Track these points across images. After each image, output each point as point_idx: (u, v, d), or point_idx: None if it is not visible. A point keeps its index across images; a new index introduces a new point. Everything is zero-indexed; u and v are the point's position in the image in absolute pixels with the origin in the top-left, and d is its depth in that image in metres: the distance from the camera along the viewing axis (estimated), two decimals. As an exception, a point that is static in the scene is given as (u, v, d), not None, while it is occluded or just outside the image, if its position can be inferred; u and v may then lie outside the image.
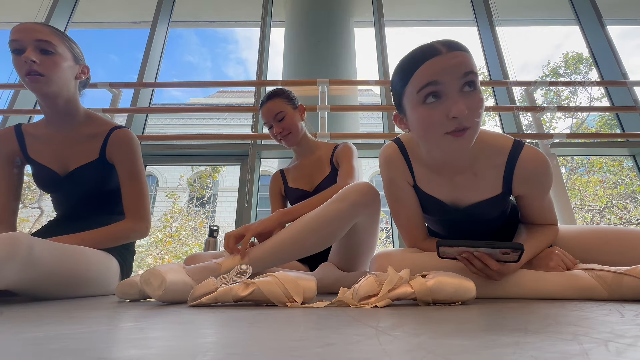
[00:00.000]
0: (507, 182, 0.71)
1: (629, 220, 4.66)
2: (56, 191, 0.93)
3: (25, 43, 0.78)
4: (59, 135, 0.91)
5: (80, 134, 0.92)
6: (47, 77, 0.80)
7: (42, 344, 0.28)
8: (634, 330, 0.30)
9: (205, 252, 1.00)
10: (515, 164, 0.69)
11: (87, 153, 0.91)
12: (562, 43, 12.58)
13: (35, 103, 2.37)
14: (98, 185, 0.93)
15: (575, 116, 5.97)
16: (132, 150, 0.93)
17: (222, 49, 30.63)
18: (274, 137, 1.17)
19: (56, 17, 2.61)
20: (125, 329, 0.36)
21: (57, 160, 0.91)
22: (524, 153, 0.68)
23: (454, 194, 0.75)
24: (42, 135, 0.92)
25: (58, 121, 0.90)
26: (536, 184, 0.70)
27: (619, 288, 0.58)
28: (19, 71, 0.79)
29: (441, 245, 0.59)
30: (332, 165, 1.15)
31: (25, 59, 0.78)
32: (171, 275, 0.61)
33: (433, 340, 0.28)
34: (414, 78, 0.61)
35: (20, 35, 0.78)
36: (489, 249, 0.56)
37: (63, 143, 0.91)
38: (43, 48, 0.80)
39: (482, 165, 0.71)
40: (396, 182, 0.79)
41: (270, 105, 1.13)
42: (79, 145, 0.91)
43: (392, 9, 2.72)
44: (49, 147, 0.91)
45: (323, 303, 0.55)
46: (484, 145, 0.70)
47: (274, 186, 1.26)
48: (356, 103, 2.89)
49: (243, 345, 0.27)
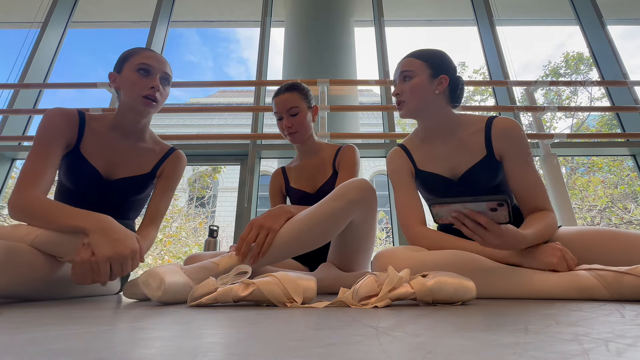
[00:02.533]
0: (488, 142, 0.84)
1: (629, 221, 4.66)
2: (89, 192, 0.92)
3: (155, 71, 0.89)
4: (121, 143, 0.94)
5: (139, 148, 0.98)
6: (158, 105, 0.92)
7: (42, 344, 0.28)
8: (634, 331, 0.30)
9: (205, 252, 1.00)
10: (492, 126, 0.84)
11: (141, 166, 0.97)
12: (565, 42, 12.56)
13: (35, 103, 2.37)
14: (132, 195, 0.98)
15: (575, 116, 5.98)
16: (182, 171, 1.05)
17: (224, 49, 30.65)
18: (281, 130, 1.14)
19: (56, 17, 2.61)
20: (125, 329, 0.36)
21: (107, 164, 0.92)
22: (498, 118, 0.85)
23: (448, 163, 0.88)
24: (103, 135, 0.92)
25: (128, 133, 0.95)
26: (511, 140, 0.82)
27: (620, 287, 0.58)
28: (139, 90, 0.87)
29: (433, 205, 0.60)
30: (334, 168, 1.14)
31: (152, 84, 0.88)
32: (170, 276, 0.61)
33: (433, 340, 0.28)
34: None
35: (152, 62, 0.89)
36: (475, 204, 0.59)
37: (121, 151, 0.94)
38: (165, 78, 0.92)
39: (466, 133, 0.87)
40: (398, 171, 0.93)
41: (286, 96, 1.10)
42: (135, 158, 0.96)
43: (392, 9, 2.72)
44: (104, 149, 0.92)
45: (323, 303, 0.55)
46: (465, 119, 0.89)
47: (275, 184, 1.25)
48: (356, 103, 2.89)
49: (243, 345, 0.27)
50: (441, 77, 0.86)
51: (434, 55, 0.89)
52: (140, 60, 0.88)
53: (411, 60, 0.88)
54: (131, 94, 0.88)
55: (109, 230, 0.69)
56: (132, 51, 0.91)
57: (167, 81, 0.93)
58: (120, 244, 0.68)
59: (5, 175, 2.12)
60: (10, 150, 2.10)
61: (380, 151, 2.07)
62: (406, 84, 0.87)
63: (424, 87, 0.86)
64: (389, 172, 0.96)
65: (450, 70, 0.88)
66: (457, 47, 17.05)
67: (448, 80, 0.87)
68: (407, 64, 0.88)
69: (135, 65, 0.88)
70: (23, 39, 2.51)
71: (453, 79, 0.88)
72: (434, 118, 0.89)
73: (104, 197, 0.92)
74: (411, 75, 0.87)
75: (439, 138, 0.90)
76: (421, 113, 0.89)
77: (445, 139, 0.89)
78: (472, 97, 6.87)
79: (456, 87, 0.89)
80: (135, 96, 0.87)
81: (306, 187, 1.17)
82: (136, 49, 0.92)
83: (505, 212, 0.58)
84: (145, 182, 0.98)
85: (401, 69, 0.89)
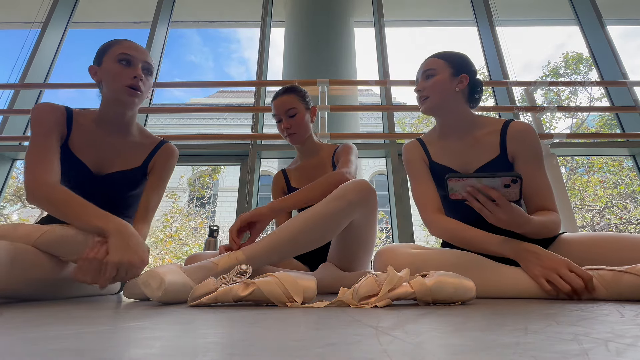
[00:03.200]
0: (503, 143, 0.87)
1: (628, 220, 4.66)
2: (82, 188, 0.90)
3: (136, 61, 0.88)
4: (108, 138, 0.93)
5: (128, 142, 0.97)
6: (142, 95, 0.90)
7: (42, 344, 0.28)
8: (634, 330, 0.30)
9: (205, 252, 1.00)
10: (508, 128, 0.87)
11: (130, 160, 0.96)
12: (566, 43, 12.58)
13: (35, 103, 2.37)
14: (126, 191, 0.97)
15: (575, 116, 5.98)
16: (173, 164, 1.03)
17: (225, 49, 30.65)
18: (281, 132, 1.16)
19: (56, 17, 2.61)
20: (125, 329, 0.36)
21: (96, 160, 0.92)
22: (515, 122, 0.88)
23: (462, 159, 0.91)
24: (90, 130, 0.91)
25: (114, 126, 0.93)
26: (525, 143, 0.84)
27: (619, 286, 0.58)
28: (122, 80, 0.86)
29: (449, 178, 0.64)
30: (333, 166, 1.15)
31: (135, 74, 0.86)
32: (170, 276, 0.61)
33: (433, 340, 0.28)
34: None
35: (133, 52, 0.88)
36: (490, 179, 0.62)
37: (109, 146, 0.93)
38: (147, 68, 0.90)
39: (482, 133, 0.90)
40: (413, 161, 0.97)
41: (284, 99, 1.13)
42: (124, 152, 0.95)
43: (392, 9, 2.71)
44: (92, 145, 0.91)
45: (323, 303, 0.55)
46: (482, 120, 0.92)
47: (277, 185, 1.27)
48: (356, 103, 2.89)
49: (243, 345, 0.27)
50: (462, 76, 0.90)
51: (455, 55, 0.94)
52: (120, 50, 0.87)
53: (434, 59, 0.93)
54: (114, 85, 0.86)
55: (128, 237, 0.70)
56: (111, 42, 0.89)
57: (149, 71, 0.92)
58: (134, 253, 0.68)
59: (6, 175, 2.12)
60: (10, 151, 2.10)
61: (380, 151, 2.07)
62: (428, 81, 0.92)
63: (445, 84, 0.90)
64: (405, 162, 1.00)
65: (471, 71, 0.92)
66: (457, 47, 17.03)
67: (468, 80, 0.90)
68: (430, 63, 0.93)
69: (115, 56, 0.86)
70: (23, 39, 2.51)
71: (473, 79, 0.92)
72: (453, 115, 0.92)
73: (97, 192, 0.90)
74: (433, 74, 0.91)
75: (455, 135, 0.93)
76: (441, 109, 0.93)
77: (462, 137, 0.92)
78: (472, 97, 6.85)
79: (475, 88, 0.93)
80: (119, 87, 0.86)
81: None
82: (115, 40, 0.90)
83: (517, 190, 0.61)
84: (137, 177, 0.97)
85: (424, 68, 0.94)
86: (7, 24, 3.34)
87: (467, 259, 0.72)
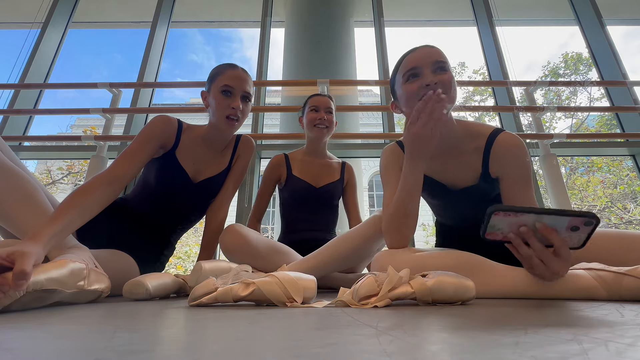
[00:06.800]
0: (485, 163, 0.79)
1: (628, 220, 4.66)
2: (176, 192, 1.00)
3: (237, 92, 0.96)
4: (209, 151, 1.04)
5: (222, 152, 1.08)
6: (240, 121, 0.99)
7: (42, 344, 0.28)
8: (633, 330, 0.30)
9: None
10: (492, 145, 0.78)
11: (220, 165, 1.07)
12: (568, 43, 12.58)
13: (35, 103, 2.37)
14: (213, 194, 1.06)
15: (575, 116, 5.98)
16: (251, 152, 1.12)
17: (227, 48, 30.63)
18: (312, 121, 1.28)
19: (56, 17, 2.61)
20: (125, 329, 0.36)
21: (194, 168, 1.02)
22: (501, 136, 0.78)
23: (445, 176, 0.84)
24: (195, 145, 1.02)
25: (216, 144, 1.05)
26: (510, 164, 0.76)
27: (619, 289, 0.58)
28: (222, 111, 0.96)
29: (494, 212, 0.45)
30: (342, 176, 1.34)
31: (234, 105, 0.95)
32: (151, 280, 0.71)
33: (433, 340, 0.28)
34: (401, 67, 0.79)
35: (234, 83, 0.96)
36: (556, 217, 0.44)
37: (207, 158, 1.04)
38: (246, 97, 0.99)
39: (466, 149, 0.81)
40: (389, 167, 0.90)
41: (328, 99, 1.34)
42: (216, 158, 1.06)
43: (392, 9, 2.71)
44: (193, 156, 1.01)
45: (323, 303, 0.55)
46: (467, 130, 0.81)
47: (274, 170, 1.31)
48: (356, 103, 2.89)
49: (243, 345, 0.27)
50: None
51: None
52: (224, 82, 0.96)
53: (441, 51, 0.78)
54: (216, 115, 0.97)
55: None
56: (219, 69, 0.99)
57: (248, 99, 1.00)
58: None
59: (5, 175, 2.11)
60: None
61: (380, 151, 2.07)
62: (445, 75, 0.75)
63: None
64: (380, 167, 0.93)
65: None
66: (457, 47, 17.03)
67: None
68: (441, 54, 0.77)
69: (219, 87, 0.96)
70: (24, 39, 2.51)
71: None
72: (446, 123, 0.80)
73: (187, 197, 1.01)
74: (446, 68, 0.76)
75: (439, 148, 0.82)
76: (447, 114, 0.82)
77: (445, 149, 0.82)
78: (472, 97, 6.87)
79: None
80: (219, 117, 0.96)
81: (311, 180, 1.28)
82: (221, 68, 0.99)
83: (584, 236, 0.47)
84: (223, 178, 1.07)
85: (436, 58, 0.76)
86: (7, 24, 3.34)
87: (466, 260, 0.71)
